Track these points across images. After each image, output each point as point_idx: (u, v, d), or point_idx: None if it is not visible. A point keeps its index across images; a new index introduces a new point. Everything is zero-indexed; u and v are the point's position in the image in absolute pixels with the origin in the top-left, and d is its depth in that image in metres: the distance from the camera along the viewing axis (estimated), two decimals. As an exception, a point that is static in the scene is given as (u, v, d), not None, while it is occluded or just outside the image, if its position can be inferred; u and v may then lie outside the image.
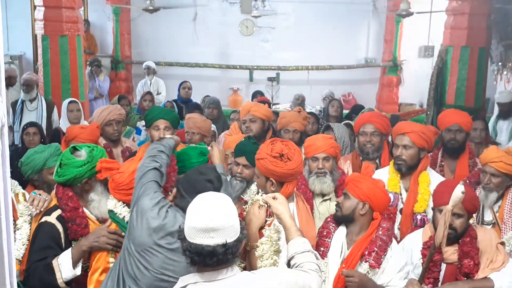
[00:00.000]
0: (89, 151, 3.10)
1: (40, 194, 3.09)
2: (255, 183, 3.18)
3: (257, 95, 8.39)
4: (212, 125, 5.68)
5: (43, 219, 2.99)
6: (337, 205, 3.14)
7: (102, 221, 3.09)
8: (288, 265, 2.37)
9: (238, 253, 2.08)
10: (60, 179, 3.04)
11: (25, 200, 3.27)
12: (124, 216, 2.99)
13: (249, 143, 3.73)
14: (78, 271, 2.89)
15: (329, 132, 4.93)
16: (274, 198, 2.62)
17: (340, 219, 3.13)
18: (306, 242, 2.42)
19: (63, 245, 2.96)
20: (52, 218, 2.98)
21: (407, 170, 3.83)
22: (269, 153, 2.98)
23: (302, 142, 4.90)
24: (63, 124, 5.90)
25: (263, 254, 2.60)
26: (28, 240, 3.04)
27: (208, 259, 1.99)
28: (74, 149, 3.13)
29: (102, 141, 4.80)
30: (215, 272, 2.03)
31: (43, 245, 2.92)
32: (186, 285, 2.06)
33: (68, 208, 3.00)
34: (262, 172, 3.01)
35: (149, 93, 7.75)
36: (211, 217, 2.00)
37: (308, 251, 2.35)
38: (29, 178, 3.71)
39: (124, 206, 3.02)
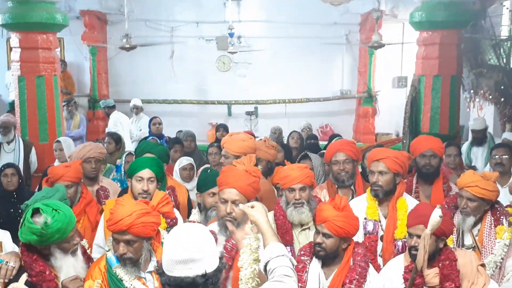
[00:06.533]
0: (46, 221, 2.77)
1: (7, 262, 2.87)
2: None
3: (220, 128, 8.42)
4: (189, 158, 5.72)
5: (11, 287, 2.81)
6: (319, 245, 3.12)
7: None
8: (265, 270, 2.39)
9: (219, 283, 2.07)
10: (21, 238, 2.86)
11: (0, 249, 3.19)
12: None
13: (216, 173, 3.74)
14: None
15: (306, 161, 4.99)
16: (252, 206, 2.63)
17: (323, 257, 3.15)
18: (281, 246, 2.44)
19: None
20: (20, 285, 2.81)
21: (384, 195, 3.86)
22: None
23: (271, 171, 4.92)
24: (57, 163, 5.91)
25: (242, 264, 2.58)
26: None
27: None
28: (36, 211, 2.83)
29: None
30: None
31: None
32: None
33: (34, 273, 2.82)
34: None
35: (108, 134, 7.48)
36: (188, 248, 1.99)
37: (283, 255, 2.37)
38: None
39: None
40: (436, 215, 2.80)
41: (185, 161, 5.63)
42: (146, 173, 3.76)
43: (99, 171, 4.81)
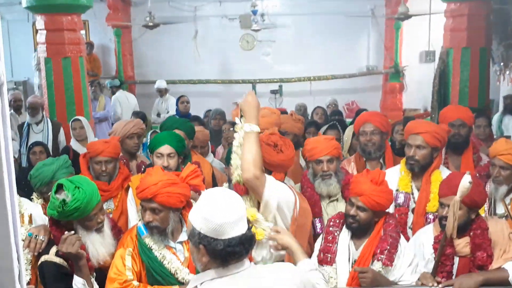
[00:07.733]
0: (64, 199, 2.77)
1: (36, 236, 2.91)
2: None
3: None
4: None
5: (43, 259, 2.87)
6: (353, 218, 3.07)
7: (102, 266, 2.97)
8: None
9: None
10: (47, 212, 2.93)
11: (30, 222, 3.21)
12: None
13: None
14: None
15: (333, 131, 4.94)
16: (276, 231, 2.70)
17: (356, 229, 3.11)
18: (312, 262, 2.54)
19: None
20: (51, 256, 2.86)
21: (420, 170, 3.77)
22: (264, 141, 3.07)
23: (299, 144, 4.88)
24: (74, 142, 6.08)
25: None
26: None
27: (248, 245, 2.00)
28: (60, 186, 2.86)
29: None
30: (239, 263, 2.01)
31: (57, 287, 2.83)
32: (202, 283, 2.01)
33: None
34: None
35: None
36: (238, 207, 2.02)
37: (315, 269, 2.45)
38: (39, 190, 3.69)
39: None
40: (465, 181, 2.74)
41: None
42: (165, 149, 3.79)
43: (139, 146, 4.99)
